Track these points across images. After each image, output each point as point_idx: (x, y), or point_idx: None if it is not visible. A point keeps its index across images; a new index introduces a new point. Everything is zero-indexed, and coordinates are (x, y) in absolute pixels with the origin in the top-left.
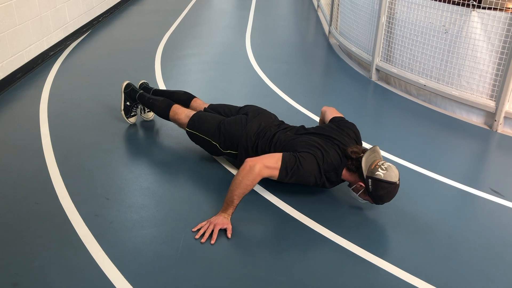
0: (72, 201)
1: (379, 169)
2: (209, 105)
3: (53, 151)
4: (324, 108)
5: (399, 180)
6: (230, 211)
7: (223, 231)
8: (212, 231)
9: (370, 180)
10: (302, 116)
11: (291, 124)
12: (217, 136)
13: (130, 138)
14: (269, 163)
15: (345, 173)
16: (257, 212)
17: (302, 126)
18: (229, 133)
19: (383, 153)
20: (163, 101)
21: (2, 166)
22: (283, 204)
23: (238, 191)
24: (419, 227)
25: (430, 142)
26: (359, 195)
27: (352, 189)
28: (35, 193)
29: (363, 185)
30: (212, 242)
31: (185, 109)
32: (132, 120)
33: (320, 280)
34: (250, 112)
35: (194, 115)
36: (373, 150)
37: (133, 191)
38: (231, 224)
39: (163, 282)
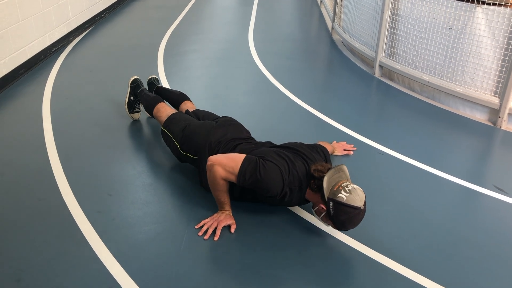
0: (75, 197)
1: (342, 191)
2: (194, 110)
3: (56, 147)
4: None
5: (364, 205)
6: (226, 207)
7: (226, 227)
8: (216, 228)
9: (331, 202)
10: (304, 112)
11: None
12: (180, 136)
13: (133, 134)
14: (227, 167)
15: (308, 192)
16: (259, 208)
17: (269, 142)
18: (191, 136)
19: (386, 150)
20: (153, 98)
21: (5, 162)
22: None
23: (215, 192)
24: (422, 225)
25: (433, 139)
26: (321, 218)
27: (315, 210)
28: (38, 189)
29: (324, 208)
30: (216, 238)
31: (169, 109)
32: (135, 116)
33: (322, 277)
34: (221, 121)
35: (172, 114)
36: (338, 169)
37: (136, 188)
38: (234, 220)
39: (166, 278)
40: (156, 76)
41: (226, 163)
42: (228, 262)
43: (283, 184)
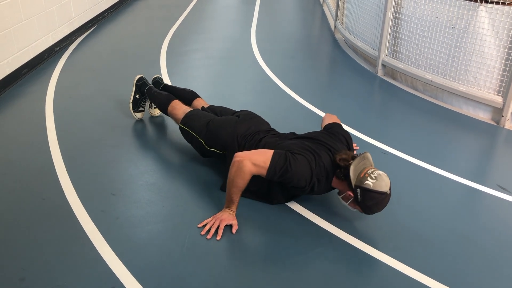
0: (78, 197)
1: (369, 178)
2: (208, 106)
3: (59, 147)
4: (325, 115)
5: (390, 189)
6: (233, 207)
7: (228, 227)
8: (218, 227)
9: (358, 189)
10: (307, 112)
11: (281, 132)
12: (204, 132)
13: (136, 134)
14: (257, 161)
15: (335, 180)
16: (262, 207)
17: (292, 133)
18: (216, 131)
19: (389, 149)
20: (165, 96)
21: (8, 161)
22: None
23: (233, 189)
24: (425, 224)
25: (436, 138)
26: (348, 204)
27: (342, 197)
28: (42, 188)
29: (352, 194)
30: (218, 238)
31: (184, 106)
32: (138, 115)
33: (326, 276)
34: (242, 115)
35: (189, 112)
36: (362, 157)
37: (139, 187)
38: (237, 220)
39: (169, 277)
40: (160, 76)
41: (256, 158)
42: (231, 262)
43: (311, 176)
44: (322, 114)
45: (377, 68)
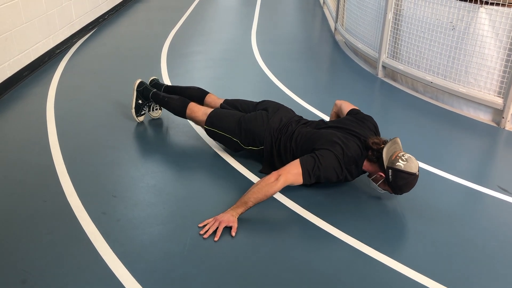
0: (80, 199)
1: (400, 160)
2: (224, 101)
3: (60, 149)
4: (339, 102)
5: (418, 171)
6: (240, 210)
7: (228, 228)
8: (217, 228)
9: (390, 170)
10: (308, 113)
11: (309, 120)
12: (238, 133)
13: (137, 136)
14: (292, 171)
15: (366, 164)
16: (263, 209)
17: (322, 120)
18: (251, 129)
19: None
20: (179, 99)
21: (9, 163)
22: (288, 201)
23: (257, 195)
24: (426, 225)
25: (437, 139)
26: (378, 185)
27: (372, 179)
28: (43, 190)
29: (383, 175)
30: (216, 239)
31: (201, 106)
32: (141, 118)
33: (327, 278)
34: (270, 108)
35: (211, 112)
36: (394, 141)
37: (140, 189)
38: (237, 223)
39: (170, 279)
40: (156, 77)
41: (289, 169)
42: (232, 264)
43: (341, 168)
44: (322, 115)
45: (378, 70)
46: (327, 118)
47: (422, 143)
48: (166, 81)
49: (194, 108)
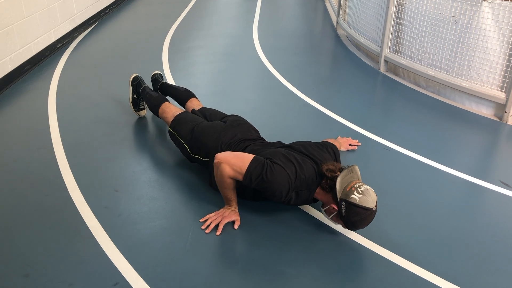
0: (82, 193)
1: (355, 192)
2: (200, 108)
3: (62, 143)
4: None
5: (376, 206)
6: (232, 204)
7: (231, 223)
8: (219, 222)
9: (344, 203)
10: (309, 107)
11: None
12: (189, 138)
13: (139, 131)
14: (235, 166)
15: (318, 192)
16: (266, 205)
17: (279, 142)
18: (199, 138)
19: (391, 145)
20: (156, 98)
21: (11, 158)
22: None
23: (222, 190)
24: (428, 220)
25: (439, 134)
26: (331, 218)
27: (325, 210)
28: (45, 185)
29: (335, 208)
30: (218, 233)
31: (174, 108)
32: (141, 113)
33: (329, 272)
34: (229, 121)
35: (178, 114)
36: (350, 169)
37: (142, 183)
38: (239, 216)
39: (172, 273)
40: (160, 72)
41: (234, 162)
42: (234, 258)
43: (288, 189)
44: (324, 109)
45: (380, 64)
46: (328, 112)
47: (424, 138)
48: (168, 75)
49: (166, 108)
